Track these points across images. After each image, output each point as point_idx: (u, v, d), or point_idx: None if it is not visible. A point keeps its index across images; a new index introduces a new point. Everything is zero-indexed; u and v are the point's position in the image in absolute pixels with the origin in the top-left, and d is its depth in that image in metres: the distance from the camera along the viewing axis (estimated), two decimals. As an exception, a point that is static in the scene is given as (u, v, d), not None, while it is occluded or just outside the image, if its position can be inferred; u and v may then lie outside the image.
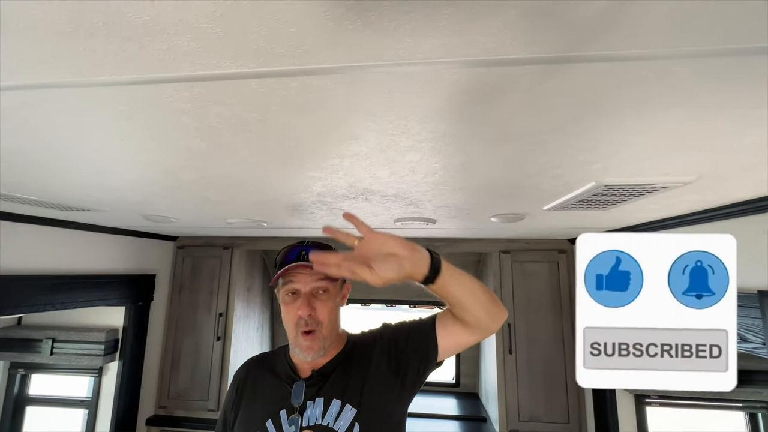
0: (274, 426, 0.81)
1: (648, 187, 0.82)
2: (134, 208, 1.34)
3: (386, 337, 0.92)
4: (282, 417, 0.82)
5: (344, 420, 0.82)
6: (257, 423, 0.83)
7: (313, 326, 0.83)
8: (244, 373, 0.94)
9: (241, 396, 0.89)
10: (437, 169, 0.74)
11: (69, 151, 0.69)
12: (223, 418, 0.92)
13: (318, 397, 0.84)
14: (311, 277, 0.85)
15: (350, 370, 0.89)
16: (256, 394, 0.88)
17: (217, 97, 0.47)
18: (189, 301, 2.34)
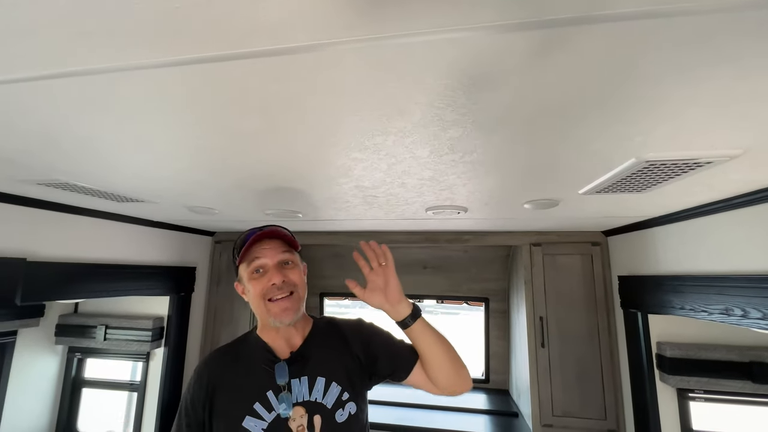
0: (263, 407, 0.83)
1: (691, 162, 0.81)
2: (182, 200, 1.43)
3: (373, 337, 0.99)
4: (270, 397, 0.83)
5: (331, 396, 0.86)
6: (244, 409, 0.82)
7: (290, 288, 0.88)
8: (209, 369, 0.90)
9: (213, 391, 0.86)
10: (476, 146, 0.77)
11: (127, 138, 0.77)
12: (187, 422, 0.86)
13: (303, 376, 0.87)
14: (275, 250, 0.90)
15: (330, 350, 0.93)
16: (231, 384, 0.86)
17: (278, 74, 0.52)
18: (226, 293, 2.45)
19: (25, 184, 1.17)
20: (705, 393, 1.57)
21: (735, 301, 1.15)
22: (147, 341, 2.04)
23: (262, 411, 0.82)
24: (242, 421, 0.81)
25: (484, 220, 1.74)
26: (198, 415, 0.85)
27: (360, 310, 12.43)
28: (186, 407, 0.87)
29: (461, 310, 16.01)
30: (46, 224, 1.49)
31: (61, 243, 1.54)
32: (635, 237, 1.77)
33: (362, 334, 0.99)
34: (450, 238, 2.26)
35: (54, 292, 1.51)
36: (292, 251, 0.94)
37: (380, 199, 1.31)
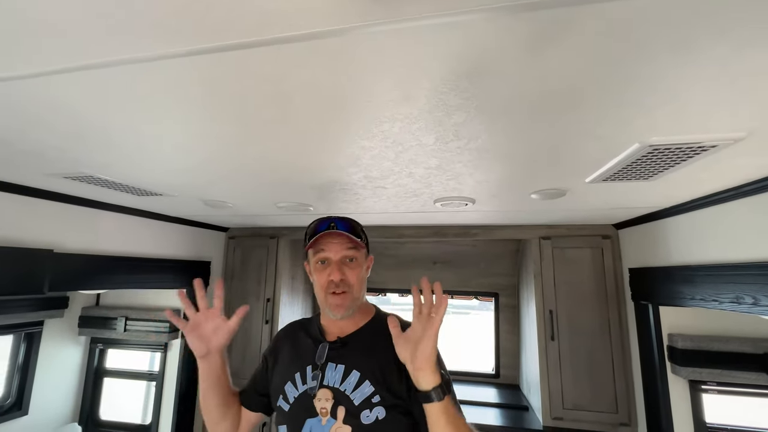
0: (300, 378, 0.92)
1: (695, 146, 0.82)
2: (198, 193, 1.49)
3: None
4: (307, 371, 0.91)
5: (361, 393, 0.85)
6: (288, 375, 0.94)
7: (345, 288, 0.92)
8: (283, 333, 1.08)
9: (278, 350, 1.02)
10: (480, 132, 0.79)
11: (147, 130, 0.81)
12: (263, 364, 1.04)
13: (339, 363, 0.90)
14: (341, 246, 0.94)
15: (375, 348, 0.91)
16: (290, 350, 1.00)
17: (293, 61, 0.56)
18: (240, 288, 2.52)
19: (52, 178, 1.23)
20: (718, 385, 1.55)
21: (746, 289, 1.15)
22: (165, 332, 2.11)
23: (298, 381, 0.91)
24: (284, 385, 0.92)
25: (492, 212, 1.76)
26: (267, 361, 1.02)
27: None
28: (265, 351, 1.06)
29: (472, 310, 15.55)
30: (72, 218, 1.56)
31: (85, 236, 1.62)
32: (646, 229, 1.76)
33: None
34: (458, 232, 2.27)
35: (79, 282, 1.58)
36: (357, 248, 0.96)
37: (389, 190, 1.34)
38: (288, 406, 0.90)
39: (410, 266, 2.84)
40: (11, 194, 1.35)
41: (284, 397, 0.91)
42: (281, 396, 0.92)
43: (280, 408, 0.92)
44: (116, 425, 2.21)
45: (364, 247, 0.99)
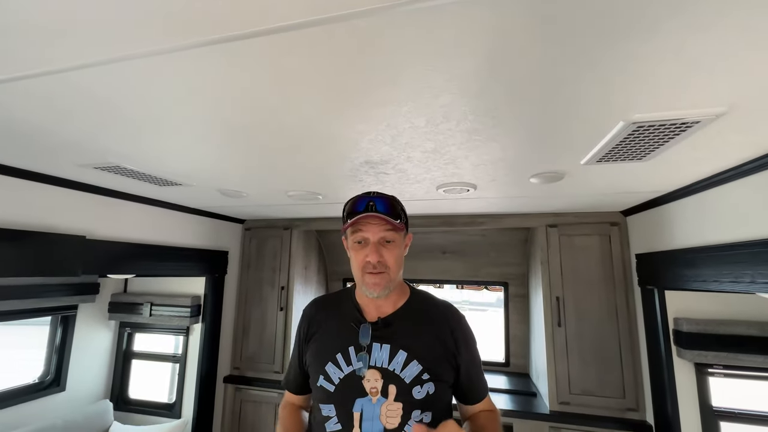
0: (343, 359, 0.90)
1: (679, 122, 0.85)
2: (214, 183, 1.59)
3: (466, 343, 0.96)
4: (351, 352, 0.90)
5: (410, 372, 0.88)
6: (328, 355, 0.92)
7: (381, 269, 0.90)
8: (313, 311, 1.02)
9: (311, 331, 0.98)
10: (466, 113, 0.84)
11: (169, 119, 0.90)
12: (298, 352, 1.01)
13: (385, 343, 0.90)
14: (379, 227, 0.90)
15: (417, 328, 0.93)
16: (326, 330, 0.96)
17: (293, 48, 0.62)
18: (255, 277, 2.64)
19: (83, 168, 1.35)
20: (724, 368, 1.55)
21: (744, 267, 1.15)
22: (186, 317, 2.25)
23: (342, 362, 0.90)
24: (325, 366, 0.91)
25: (496, 199, 1.79)
26: (301, 348, 1.00)
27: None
28: (297, 338, 1.03)
29: (489, 307, 15.50)
30: (100, 207, 1.70)
31: (113, 224, 1.75)
32: (653, 214, 1.76)
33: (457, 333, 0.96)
34: (466, 221, 2.31)
35: (108, 266, 1.72)
36: (396, 230, 0.92)
37: (391, 176, 1.40)
38: (333, 387, 0.89)
39: (420, 256, 2.89)
40: (46, 184, 1.48)
41: (326, 377, 0.90)
42: (322, 376, 0.91)
43: (323, 388, 0.90)
44: (143, 403, 2.37)
45: (403, 229, 0.94)
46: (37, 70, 0.69)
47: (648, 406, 1.86)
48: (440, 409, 0.91)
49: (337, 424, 0.87)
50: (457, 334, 0.96)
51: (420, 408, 0.87)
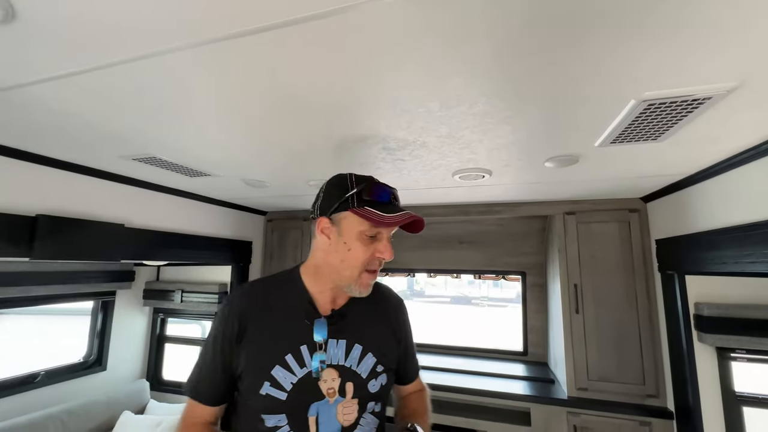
0: (295, 360, 0.78)
1: (690, 99, 0.86)
2: (239, 173, 1.68)
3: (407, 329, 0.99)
4: (303, 352, 0.79)
5: (365, 366, 0.83)
6: (275, 357, 0.78)
7: (379, 268, 0.84)
8: (246, 303, 0.83)
9: (245, 328, 0.80)
10: (478, 96, 0.88)
11: (201, 111, 0.98)
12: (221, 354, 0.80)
13: (341, 338, 0.82)
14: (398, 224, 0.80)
15: (371, 318, 0.89)
16: (267, 326, 0.80)
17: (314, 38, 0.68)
18: (278, 267, 2.74)
19: (124, 160, 1.47)
20: (747, 353, 1.53)
21: (765, 246, 1.15)
22: (214, 303, 2.38)
23: (293, 364, 0.78)
24: (272, 370, 0.77)
25: (512, 185, 1.81)
26: (225, 350, 0.80)
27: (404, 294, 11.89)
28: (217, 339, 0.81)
29: (509, 303, 15.75)
30: (137, 198, 1.82)
31: (148, 214, 1.88)
32: (674, 199, 1.74)
33: (401, 316, 0.97)
34: (482, 209, 2.34)
35: (144, 253, 1.84)
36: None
37: (408, 163, 1.45)
38: (285, 394, 0.77)
39: (436, 246, 2.93)
40: (88, 176, 1.61)
41: (275, 384, 0.77)
42: (268, 383, 0.77)
43: (270, 397, 0.77)
44: (176, 383, 2.53)
45: None
46: (92, 65, 0.77)
47: (669, 392, 1.85)
48: (387, 396, 0.90)
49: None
50: (401, 316, 0.97)
51: (374, 400, 0.85)
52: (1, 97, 0.92)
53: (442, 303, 20.96)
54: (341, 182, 0.83)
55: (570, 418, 1.97)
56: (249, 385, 0.78)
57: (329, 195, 0.82)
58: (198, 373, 0.84)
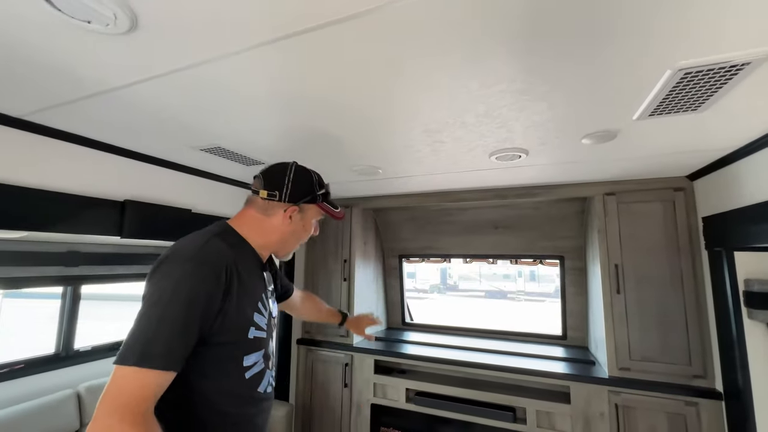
0: (262, 305, 0.96)
1: (728, 65, 0.88)
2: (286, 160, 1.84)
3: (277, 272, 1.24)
4: (263, 299, 0.98)
5: (275, 308, 1.09)
6: (253, 304, 0.92)
7: None
8: (231, 261, 0.85)
9: (231, 282, 0.83)
10: (516, 74, 0.96)
11: (266, 97, 1.12)
12: (207, 310, 0.78)
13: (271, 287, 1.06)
14: None
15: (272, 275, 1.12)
16: (244, 279, 0.88)
17: (365, 32, 0.79)
18: (321, 250, 2.92)
19: (192, 150, 1.66)
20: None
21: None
22: (266, 284, 2.59)
23: (263, 309, 0.95)
24: (253, 317, 0.91)
25: (549, 166, 1.84)
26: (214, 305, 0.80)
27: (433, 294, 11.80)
28: (204, 296, 0.78)
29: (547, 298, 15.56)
30: (202, 187, 2.04)
31: (210, 202, 2.10)
32: (720, 175, 1.70)
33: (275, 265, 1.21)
34: (519, 192, 2.37)
35: (207, 236, 2.06)
36: None
37: (447, 145, 1.53)
38: (265, 333, 0.95)
39: (473, 232, 2.98)
40: (161, 167, 1.84)
41: (258, 327, 0.91)
42: (253, 327, 0.90)
43: (256, 339, 0.91)
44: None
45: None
46: (185, 64, 0.93)
47: (717, 373, 1.82)
48: None
49: (261, 365, 0.94)
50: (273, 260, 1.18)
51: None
52: (111, 96, 1.11)
53: (477, 297, 20.70)
54: (307, 178, 1.04)
55: (611, 396, 1.98)
56: (236, 333, 0.86)
57: (299, 187, 1.01)
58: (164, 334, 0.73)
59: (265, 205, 0.99)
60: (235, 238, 0.95)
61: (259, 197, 0.99)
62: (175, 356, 0.74)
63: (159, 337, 0.73)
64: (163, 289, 0.77)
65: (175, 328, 0.74)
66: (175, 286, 0.76)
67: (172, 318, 0.74)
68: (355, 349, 2.65)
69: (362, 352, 2.62)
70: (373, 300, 3.07)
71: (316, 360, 2.77)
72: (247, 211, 1.01)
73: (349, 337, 2.71)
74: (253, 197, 1.01)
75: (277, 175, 1.00)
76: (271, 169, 1.03)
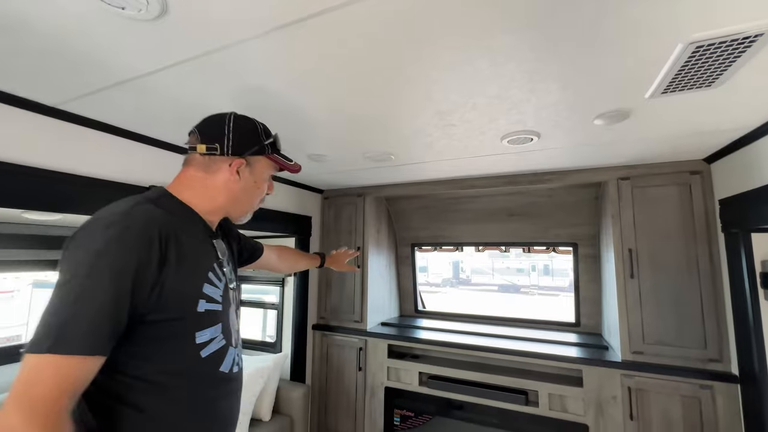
0: (215, 276, 0.85)
1: (740, 38, 0.88)
2: (304, 149, 1.89)
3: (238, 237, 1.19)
4: (215, 268, 0.86)
5: (235, 279, 0.98)
6: (201, 277, 0.81)
7: None
8: (166, 227, 0.75)
9: (166, 252, 0.73)
10: (525, 53, 0.98)
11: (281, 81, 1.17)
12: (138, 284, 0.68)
13: (225, 256, 0.94)
14: None
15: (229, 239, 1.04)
16: (185, 248, 0.78)
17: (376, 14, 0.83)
18: (335, 239, 2.98)
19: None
20: (822, 311, 1.46)
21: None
22: (282, 270, 2.67)
23: (215, 280, 0.85)
24: (202, 288, 0.80)
25: (561, 150, 1.84)
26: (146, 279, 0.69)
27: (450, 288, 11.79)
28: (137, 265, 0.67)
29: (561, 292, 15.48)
30: (219, 174, 2.11)
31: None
32: (738, 156, 1.68)
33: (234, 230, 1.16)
34: (531, 178, 2.37)
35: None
36: None
37: (458, 128, 1.55)
38: (220, 306, 0.84)
39: (486, 220, 2.99)
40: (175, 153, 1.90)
41: (209, 300, 0.81)
42: (203, 300, 0.79)
43: (209, 312, 0.81)
44: (251, 341, 2.89)
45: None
46: (204, 50, 0.98)
47: (733, 356, 1.81)
48: None
49: (221, 341, 0.83)
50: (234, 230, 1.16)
51: (239, 308, 0.99)
52: (137, 84, 1.18)
53: (489, 291, 20.60)
54: (251, 127, 0.93)
55: (624, 380, 1.99)
56: (181, 307, 0.76)
57: (242, 137, 0.90)
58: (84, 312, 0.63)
59: (206, 161, 0.87)
60: (174, 204, 0.84)
61: (197, 153, 0.88)
62: (100, 338, 0.64)
63: (78, 316, 0.62)
64: (79, 262, 0.65)
65: (97, 305, 0.63)
66: (94, 257, 0.65)
67: (93, 293, 0.64)
68: (369, 334, 2.71)
69: (376, 337, 2.68)
70: (386, 288, 3.12)
71: (331, 345, 2.85)
72: (185, 172, 0.89)
73: (363, 322, 2.77)
74: (191, 155, 0.89)
75: (215, 127, 0.89)
76: (206, 121, 0.92)
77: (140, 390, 0.72)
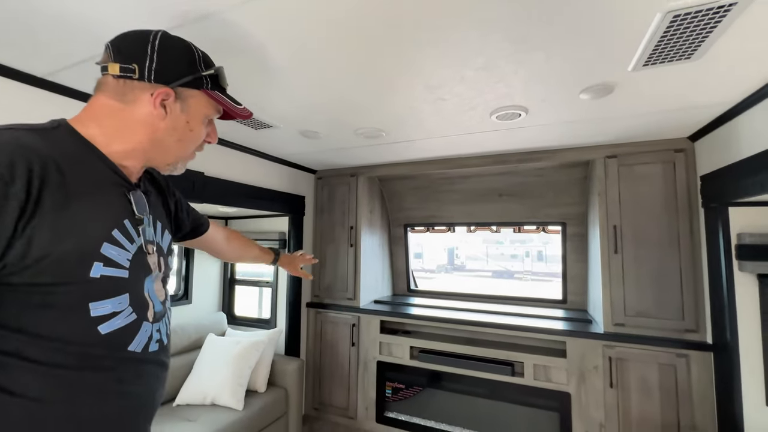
0: (123, 236, 0.67)
1: (715, 6, 0.91)
2: (298, 125, 1.91)
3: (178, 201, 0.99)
4: (128, 226, 0.69)
5: (165, 241, 0.82)
6: (100, 234, 0.64)
7: None
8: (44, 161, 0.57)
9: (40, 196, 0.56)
10: (510, 21, 1.00)
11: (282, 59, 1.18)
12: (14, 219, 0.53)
13: (150, 214, 0.77)
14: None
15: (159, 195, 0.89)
16: (77, 195, 0.61)
17: None
18: (328, 219, 3.02)
19: (204, 112, 1.74)
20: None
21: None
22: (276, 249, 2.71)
23: (123, 240, 0.67)
24: (100, 248, 0.63)
25: (549, 126, 1.87)
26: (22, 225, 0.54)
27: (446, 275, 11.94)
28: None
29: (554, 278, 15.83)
30: (212, 153, 2.13)
31: (221, 166, 2.19)
32: (721, 133, 1.72)
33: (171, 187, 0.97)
34: (521, 157, 2.41)
35: (220, 199, 2.16)
36: None
37: (448, 102, 1.58)
38: (127, 272, 0.67)
39: (477, 200, 3.03)
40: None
41: (109, 263, 0.64)
42: (100, 263, 0.63)
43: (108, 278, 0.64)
44: (246, 319, 2.94)
45: None
46: (198, 12, 0.99)
47: (708, 327, 1.89)
48: None
49: (130, 315, 0.68)
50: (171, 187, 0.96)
51: (168, 276, 0.82)
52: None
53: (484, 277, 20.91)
54: (184, 50, 0.72)
55: (605, 350, 2.08)
56: (62, 271, 0.59)
57: (171, 61, 0.70)
58: None
59: (120, 86, 0.67)
60: (70, 139, 0.65)
61: (109, 75, 0.67)
62: None
63: None
64: None
65: None
66: None
67: None
68: (362, 311, 2.77)
69: (369, 314, 2.75)
70: (380, 267, 3.18)
71: (325, 321, 2.91)
72: (95, 99, 0.69)
73: (356, 300, 2.83)
74: (103, 78, 0.69)
75: (135, 43, 0.68)
76: (124, 35, 0.70)
77: (10, 367, 0.57)
